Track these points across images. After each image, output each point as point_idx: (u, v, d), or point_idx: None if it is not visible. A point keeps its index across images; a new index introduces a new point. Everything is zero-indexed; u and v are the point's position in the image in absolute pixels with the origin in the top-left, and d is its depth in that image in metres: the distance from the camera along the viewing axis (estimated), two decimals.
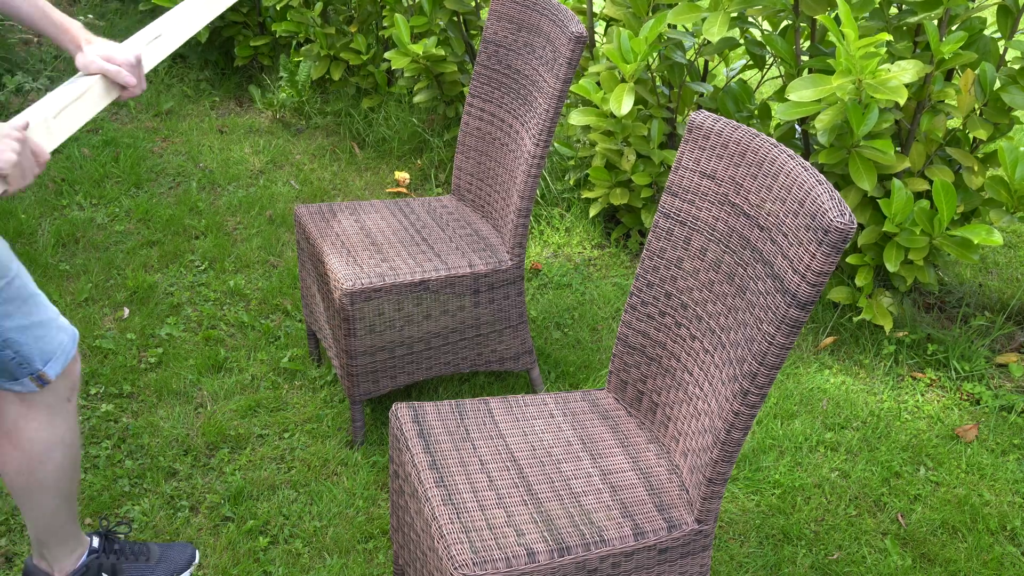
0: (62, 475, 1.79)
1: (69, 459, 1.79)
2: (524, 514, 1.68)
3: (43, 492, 1.79)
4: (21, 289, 1.61)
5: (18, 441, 1.73)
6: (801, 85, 2.59)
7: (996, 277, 3.39)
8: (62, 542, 1.90)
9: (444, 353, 2.49)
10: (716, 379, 1.69)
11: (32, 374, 1.66)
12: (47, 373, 1.67)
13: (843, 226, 1.41)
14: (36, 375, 1.67)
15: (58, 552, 1.90)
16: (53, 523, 1.85)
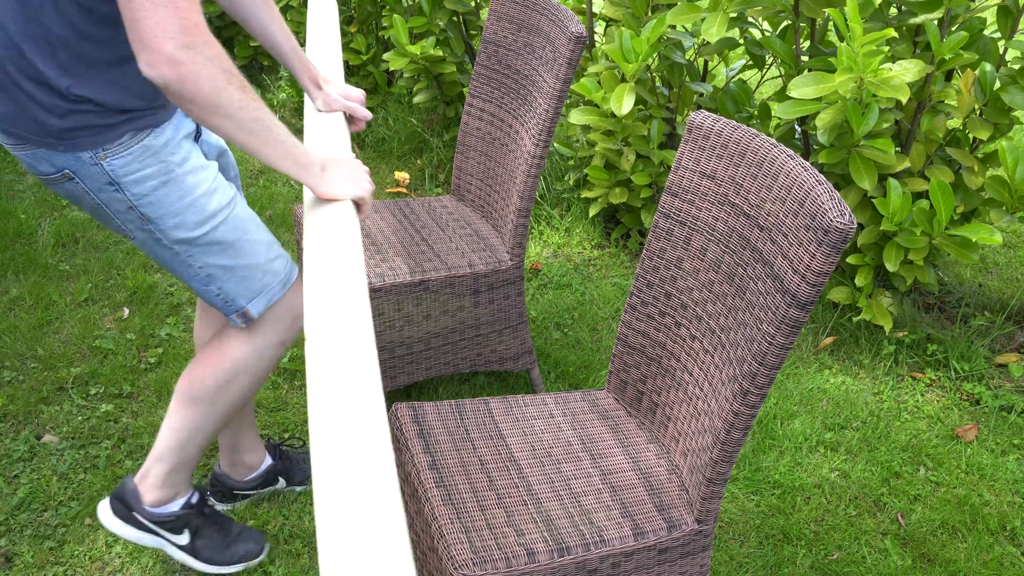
0: (230, 402, 1.87)
1: (250, 390, 1.88)
2: (524, 514, 1.68)
3: (207, 408, 1.86)
4: (227, 234, 1.72)
5: (220, 353, 1.84)
6: (802, 83, 2.60)
7: (996, 277, 3.39)
8: (172, 472, 1.94)
9: (444, 353, 2.49)
10: (716, 379, 1.69)
11: (237, 311, 1.78)
12: (250, 311, 1.79)
13: (843, 226, 1.41)
14: (240, 312, 1.78)
15: (161, 477, 1.94)
16: (186, 444, 1.90)
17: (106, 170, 1.60)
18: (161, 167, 1.64)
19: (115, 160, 1.60)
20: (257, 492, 2.27)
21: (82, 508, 2.25)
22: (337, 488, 1.11)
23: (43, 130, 1.57)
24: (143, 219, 1.66)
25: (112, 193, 1.63)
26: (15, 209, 3.42)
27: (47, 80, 1.54)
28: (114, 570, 2.12)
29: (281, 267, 1.83)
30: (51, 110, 1.55)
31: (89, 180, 1.62)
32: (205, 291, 1.77)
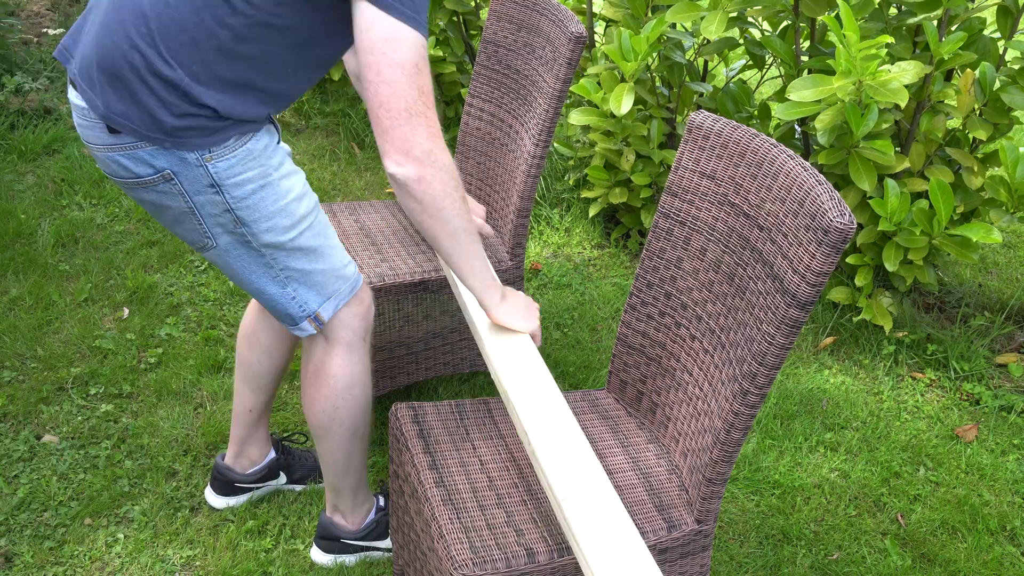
0: (359, 414, 1.93)
1: (365, 397, 1.93)
2: (524, 514, 1.68)
3: (343, 429, 1.94)
4: (312, 239, 1.76)
5: (324, 378, 1.88)
6: (801, 85, 2.60)
7: (996, 277, 3.39)
8: (354, 492, 2.06)
9: (444, 353, 2.49)
10: (716, 379, 1.69)
11: (310, 315, 1.82)
12: (322, 314, 1.82)
13: (843, 226, 1.41)
14: (313, 316, 1.82)
15: (350, 502, 2.07)
16: (348, 466, 2.00)
17: (210, 172, 1.63)
18: (261, 171, 1.68)
19: (220, 162, 1.63)
20: (258, 486, 2.27)
21: (82, 508, 2.25)
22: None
23: (156, 125, 1.59)
24: (237, 222, 1.69)
25: (211, 196, 1.66)
26: (15, 209, 3.42)
27: (176, 82, 1.57)
28: (114, 570, 2.12)
29: (352, 272, 1.87)
30: (169, 108, 1.58)
31: (189, 182, 1.64)
32: (281, 294, 1.79)
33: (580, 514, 1.48)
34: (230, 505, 2.27)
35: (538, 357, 1.80)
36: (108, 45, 1.58)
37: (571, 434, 1.65)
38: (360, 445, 1.99)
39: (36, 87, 4.15)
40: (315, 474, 2.33)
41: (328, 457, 1.99)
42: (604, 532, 1.46)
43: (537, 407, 1.70)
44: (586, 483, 1.54)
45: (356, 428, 1.96)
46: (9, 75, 4.16)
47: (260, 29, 1.58)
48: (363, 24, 1.51)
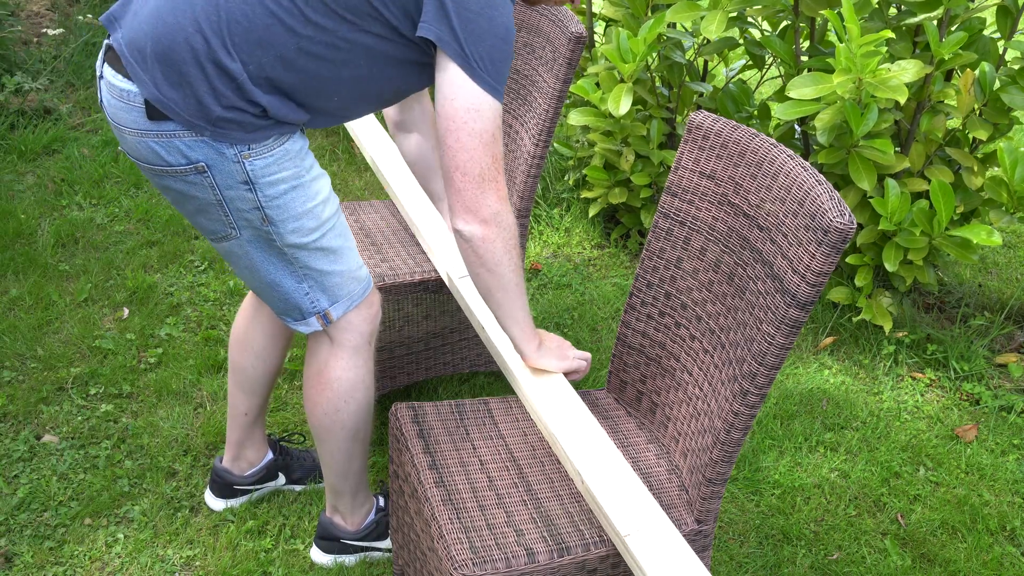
0: (360, 416, 1.94)
1: (367, 400, 1.94)
2: (524, 514, 1.68)
3: (344, 432, 1.95)
4: (333, 241, 1.79)
5: (327, 380, 1.89)
6: (801, 83, 2.60)
7: (995, 277, 3.39)
8: (354, 493, 2.08)
9: (444, 353, 2.49)
10: (716, 379, 1.69)
11: (319, 312, 1.82)
12: (332, 313, 1.83)
13: (843, 226, 1.41)
14: (322, 314, 1.83)
15: (350, 503, 2.09)
16: (349, 468, 2.01)
17: (246, 168, 1.64)
18: (294, 172, 1.69)
19: (258, 160, 1.65)
20: (256, 488, 2.27)
21: (82, 508, 2.25)
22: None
23: (201, 113, 1.59)
24: (264, 220, 1.70)
25: (243, 192, 1.66)
26: (15, 209, 3.42)
27: (235, 75, 1.58)
28: (114, 570, 2.12)
29: (365, 275, 1.88)
30: (219, 98, 1.58)
31: (222, 176, 1.65)
32: (296, 288, 1.79)
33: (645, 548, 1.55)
34: (230, 507, 2.27)
35: (575, 398, 1.88)
36: (170, 24, 1.57)
37: (616, 465, 1.73)
38: (361, 448, 2.00)
39: (36, 87, 4.15)
40: (314, 474, 2.33)
41: (329, 459, 2.00)
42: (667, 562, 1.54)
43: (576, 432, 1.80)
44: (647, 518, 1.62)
45: (357, 431, 1.96)
46: (9, 75, 4.15)
47: (326, 49, 1.60)
48: (448, 91, 1.57)
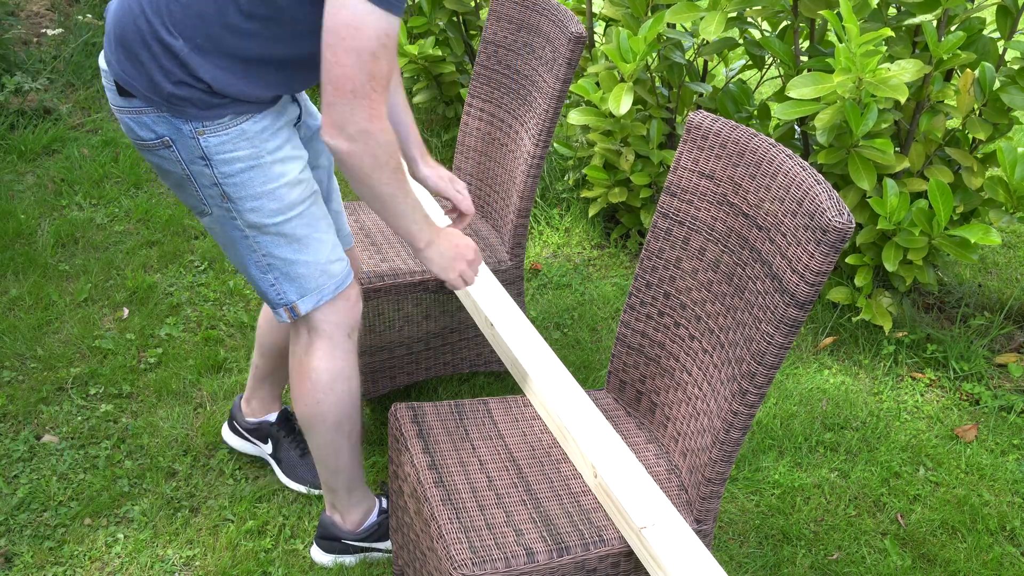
0: (343, 410, 1.94)
1: (349, 393, 1.94)
2: (523, 514, 1.68)
3: (327, 424, 1.95)
4: (298, 229, 1.79)
5: (307, 371, 1.91)
6: (801, 83, 2.60)
7: (995, 277, 3.39)
8: (349, 490, 2.07)
9: (443, 353, 2.49)
10: (715, 379, 1.69)
11: (286, 304, 1.84)
12: (299, 307, 1.84)
13: (841, 225, 1.41)
14: (289, 306, 1.84)
15: (346, 501, 2.08)
16: (338, 463, 2.01)
17: (201, 145, 1.69)
18: (252, 152, 1.72)
19: (211, 138, 1.69)
20: (247, 441, 2.38)
21: (81, 508, 2.25)
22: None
23: (154, 89, 1.66)
24: (224, 197, 1.75)
25: (202, 167, 1.72)
26: (15, 209, 3.42)
27: (176, 51, 1.63)
28: (114, 570, 2.12)
29: (339, 270, 1.87)
30: (167, 74, 1.65)
31: (184, 151, 1.71)
32: (262, 279, 1.83)
33: (661, 541, 1.56)
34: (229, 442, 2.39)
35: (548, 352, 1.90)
36: (124, 9, 1.67)
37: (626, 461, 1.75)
38: (348, 442, 2.00)
39: (36, 87, 4.15)
40: (296, 472, 2.33)
41: (317, 453, 2.01)
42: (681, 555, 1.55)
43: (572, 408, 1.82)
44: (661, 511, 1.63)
45: (341, 424, 1.96)
46: (9, 75, 4.16)
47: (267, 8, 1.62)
48: (331, 6, 1.53)
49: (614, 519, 1.66)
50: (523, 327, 2.07)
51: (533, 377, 1.90)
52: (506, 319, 2.08)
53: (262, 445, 2.36)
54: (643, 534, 1.57)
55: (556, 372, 1.94)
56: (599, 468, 1.70)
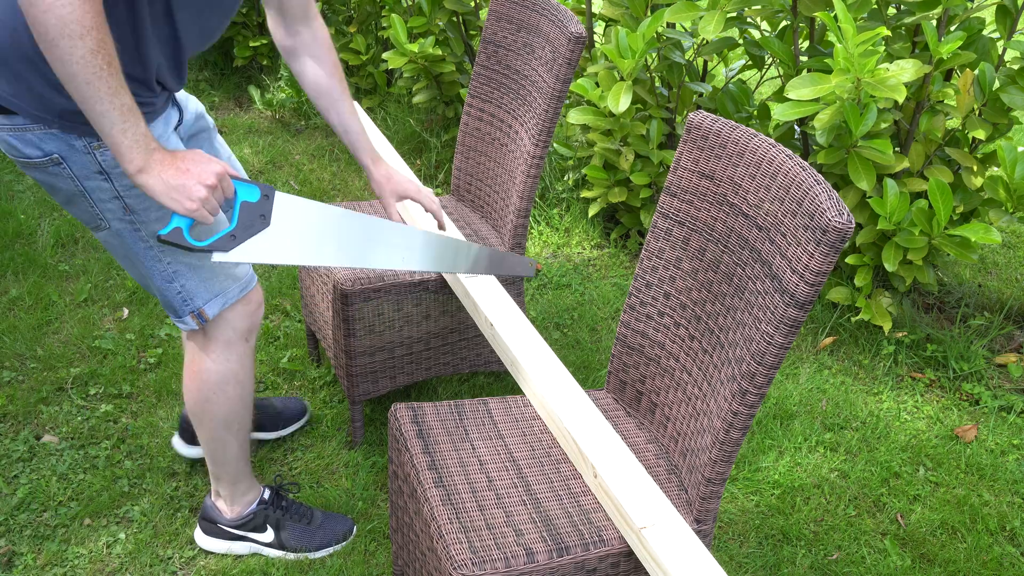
0: (232, 410, 1.97)
1: (240, 395, 1.96)
2: (523, 514, 1.68)
3: (215, 422, 1.97)
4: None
5: (197, 371, 1.91)
6: (800, 84, 2.60)
7: (995, 277, 3.39)
8: (234, 482, 2.10)
9: (443, 353, 2.49)
10: (715, 379, 1.69)
11: (193, 311, 1.82)
12: (206, 311, 1.83)
13: (841, 225, 1.41)
14: (196, 312, 1.83)
15: (230, 491, 2.11)
16: (225, 456, 2.04)
17: (98, 159, 1.62)
18: None
19: (108, 151, 1.61)
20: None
21: (81, 508, 2.25)
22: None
23: (42, 105, 1.57)
24: (126, 209, 1.68)
25: (100, 182, 1.65)
26: (15, 209, 3.42)
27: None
28: (114, 570, 2.12)
29: (243, 272, 1.88)
30: (55, 86, 1.54)
31: (77, 167, 1.63)
32: (167, 288, 1.79)
33: (661, 541, 1.57)
34: (192, 456, 2.36)
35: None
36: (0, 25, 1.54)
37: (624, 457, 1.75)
38: (236, 439, 2.02)
39: None
40: (280, 424, 2.41)
41: (204, 445, 2.03)
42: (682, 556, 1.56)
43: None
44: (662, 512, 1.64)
45: (230, 422, 1.99)
46: None
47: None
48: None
49: (614, 519, 1.66)
50: (523, 327, 2.07)
51: (533, 377, 1.91)
52: (506, 319, 2.09)
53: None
54: (643, 534, 1.57)
55: (556, 372, 1.94)
56: (599, 468, 1.70)
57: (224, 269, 1.82)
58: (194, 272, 1.78)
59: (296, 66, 2.02)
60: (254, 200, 1.61)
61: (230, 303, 1.86)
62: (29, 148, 1.62)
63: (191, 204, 1.53)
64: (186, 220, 1.56)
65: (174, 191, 1.53)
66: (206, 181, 1.54)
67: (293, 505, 2.19)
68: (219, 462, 2.06)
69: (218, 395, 1.94)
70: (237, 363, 1.92)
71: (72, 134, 1.60)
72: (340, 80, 2.03)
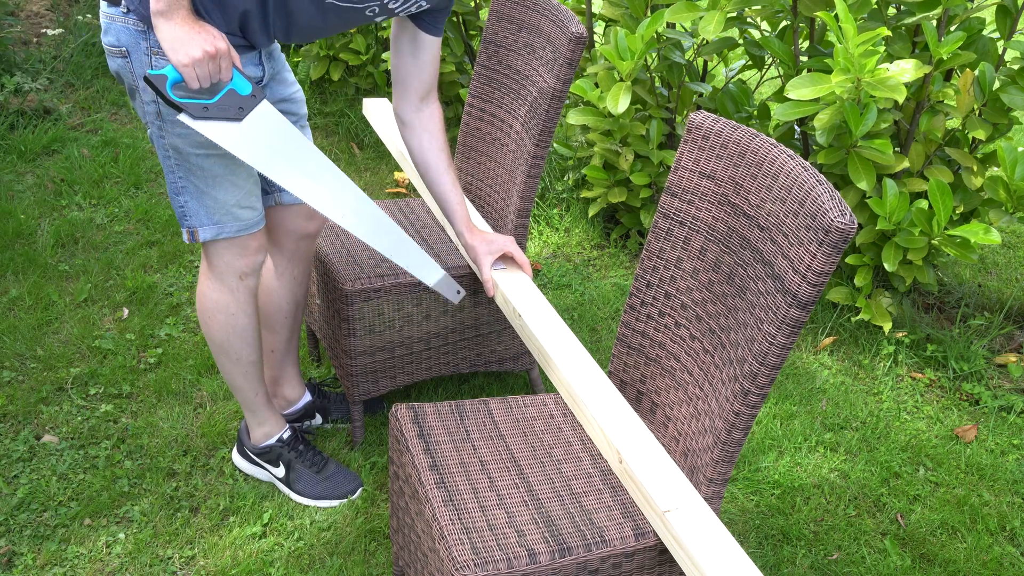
0: (225, 339, 2.11)
1: (232, 327, 2.10)
2: (525, 515, 1.68)
3: (213, 344, 2.14)
4: (215, 167, 1.90)
5: (199, 292, 2.10)
6: (800, 84, 2.60)
7: (995, 277, 3.39)
8: (249, 409, 2.25)
9: (444, 353, 2.49)
10: (716, 379, 1.69)
11: (188, 228, 1.97)
12: (199, 233, 1.97)
13: (844, 226, 1.41)
14: (190, 229, 1.97)
15: (249, 418, 2.28)
16: (233, 384, 2.20)
17: (151, 63, 1.79)
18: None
19: (161, 60, 1.78)
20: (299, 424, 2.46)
21: (81, 508, 2.25)
22: None
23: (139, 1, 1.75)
24: (158, 115, 1.86)
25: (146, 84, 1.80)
26: (15, 209, 3.42)
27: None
28: (114, 570, 2.12)
29: (247, 217, 2.00)
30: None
31: (137, 64, 1.81)
32: (174, 199, 1.97)
33: (684, 523, 1.60)
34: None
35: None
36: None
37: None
38: (237, 369, 2.16)
39: (36, 87, 4.15)
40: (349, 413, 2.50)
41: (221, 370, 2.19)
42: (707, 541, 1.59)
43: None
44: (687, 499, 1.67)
45: (226, 350, 2.13)
46: (9, 75, 4.15)
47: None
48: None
49: (638, 503, 1.71)
50: (550, 317, 2.12)
51: (560, 364, 1.95)
52: (534, 309, 2.13)
53: (310, 421, 2.47)
54: (667, 517, 1.61)
55: (582, 360, 1.98)
56: (624, 453, 1.73)
57: (226, 205, 1.95)
58: (199, 196, 1.93)
59: (411, 140, 2.21)
60: (242, 93, 1.76)
61: (224, 236, 1.98)
62: (110, 36, 1.81)
63: (185, 59, 1.67)
64: (176, 74, 1.69)
65: (177, 41, 1.67)
66: (207, 47, 1.67)
67: (310, 451, 2.31)
68: (234, 390, 2.22)
69: (210, 320, 2.09)
70: (229, 295, 2.06)
71: (142, 34, 1.77)
72: (448, 156, 2.23)
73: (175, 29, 1.66)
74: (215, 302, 2.07)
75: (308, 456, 2.30)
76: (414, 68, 2.10)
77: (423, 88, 2.14)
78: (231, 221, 1.98)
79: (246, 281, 2.07)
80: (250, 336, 2.14)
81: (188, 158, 1.89)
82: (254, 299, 2.11)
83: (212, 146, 1.86)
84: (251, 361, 2.17)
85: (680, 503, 1.64)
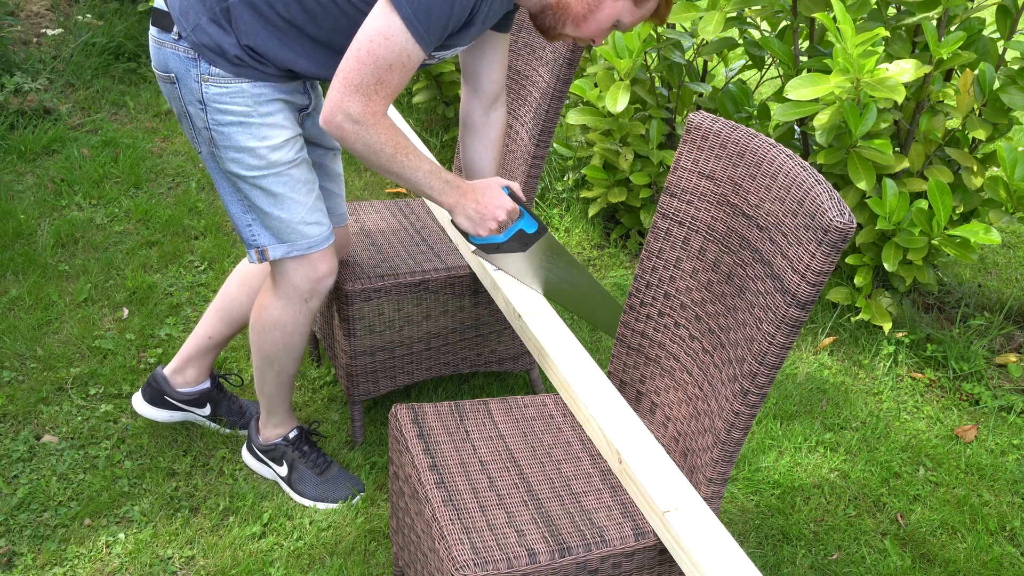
0: (274, 352, 2.15)
1: (284, 345, 2.13)
2: (525, 515, 1.68)
3: (259, 353, 2.17)
4: (275, 186, 1.94)
5: (258, 305, 2.12)
6: (799, 84, 2.60)
7: (995, 277, 3.39)
8: (268, 411, 2.28)
9: (444, 353, 2.49)
10: (716, 379, 1.69)
11: (258, 247, 2.00)
12: (269, 252, 2.00)
13: (843, 226, 1.41)
14: (259, 249, 2.00)
15: (265, 418, 2.30)
16: (262, 388, 2.23)
17: (202, 90, 1.85)
18: (245, 110, 1.86)
19: (212, 87, 1.84)
20: (182, 410, 2.44)
21: (81, 508, 2.25)
22: None
23: (189, 24, 1.81)
24: (211, 141, 1.91)
25: (198, 110, 1.88)
26: (15, 209, 3.42)
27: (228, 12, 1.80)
28: (114, 570, 2.12)
29: (314, 232, 2.01)
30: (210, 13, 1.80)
31: (186, 91, 1.87)
32: (241, 218, 1.99)
33: (684, 524, 1.60)
34: (150, 417, 2.42)
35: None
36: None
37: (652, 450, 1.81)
38: (274, 377, 2.19)
39: (36, 87, 4.15)
40: (239, 422, 2.48)
41: (254, 366, 2.21)
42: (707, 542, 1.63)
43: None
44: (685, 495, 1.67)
45: (270, 361, 2.16)
46: (9, 75, 4.15)
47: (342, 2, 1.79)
48: (375, 11, 1.72)
49: (638, 503, 1.70)
50: (550, 317, 2.11)
51: (560, 364, 1.94)
52: (534, 310, 2.13)
53: (199, 410, 2.45)
54: (666, 518, 1.60)
55: (582, 360, 1.97)
56: (624, 454, 1.72)
57: (292, 223, 1.98)
58: (265, 216, 1.97)
59: (469, 141, 2.21)
60: (529, 232, 2.04)
61: (294, 255, 2.01)
62: (160, 61, 1.88)
63: (484, 232, 1.96)
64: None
65: (472, 223, 1.95)
66: (499, 217, 1.95)
67: (314, 453, 2.31)
68: (258, 388, 2.24)
69: (265, 335, 2.12)
70: (290, 316, 2.08)
71: (192, 60, 1.82)
72: (499, 165, 2.25)
73: (469, 214, 1.93)
74: (275, 319, 2.09)
75: (312, 457, 2.31)
76: (484, 67, 2.09)
77: (494, 89, 2.13)
78: (299, 238, 1.99)
79: (311, 303, 2.08)
80: (298, 353, 2.18)
81: (246, 180, 1.92)
82: (312, 320, 2.13)
83: (269, 167, 1.91)
84: (290, 374, 2.21)
85: (680, 503, 1.63)
